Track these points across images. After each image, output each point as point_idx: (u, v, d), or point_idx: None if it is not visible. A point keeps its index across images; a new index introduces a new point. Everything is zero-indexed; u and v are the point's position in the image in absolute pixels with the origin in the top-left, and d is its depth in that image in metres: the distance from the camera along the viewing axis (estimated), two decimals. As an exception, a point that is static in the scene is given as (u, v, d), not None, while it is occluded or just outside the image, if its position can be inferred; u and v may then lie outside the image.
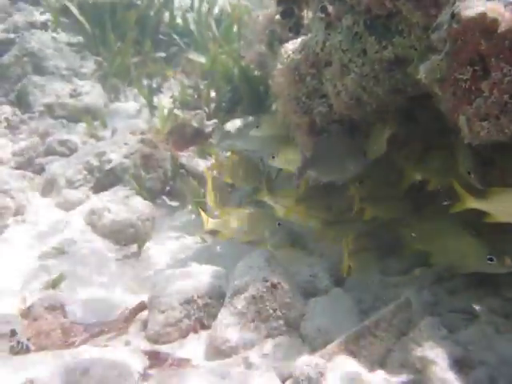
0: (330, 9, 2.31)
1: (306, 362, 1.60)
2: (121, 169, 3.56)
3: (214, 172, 3.26)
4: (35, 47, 4.83)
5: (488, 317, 1.94)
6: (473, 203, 1.93)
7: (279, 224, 2.52)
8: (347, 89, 2.32)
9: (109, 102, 4.76)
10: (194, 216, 3.39)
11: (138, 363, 1.96)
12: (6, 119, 4.24)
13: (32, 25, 5.17)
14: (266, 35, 2.99)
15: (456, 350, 1.67)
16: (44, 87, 4.49)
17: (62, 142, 3.95)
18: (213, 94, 4.50)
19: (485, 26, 1.55)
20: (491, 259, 1.95)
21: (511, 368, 1.65)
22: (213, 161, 3.57)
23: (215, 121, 4.29)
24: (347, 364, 1.70)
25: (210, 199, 2.94)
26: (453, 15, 1.62)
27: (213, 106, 4.42)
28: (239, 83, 4.15)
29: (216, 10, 5.71)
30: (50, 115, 4.35)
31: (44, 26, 5.23)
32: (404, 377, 1.64)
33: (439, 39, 1.71)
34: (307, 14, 2.62)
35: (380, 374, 1.68)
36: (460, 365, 1.64)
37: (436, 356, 1.62)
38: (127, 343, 2.29)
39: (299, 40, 2.61)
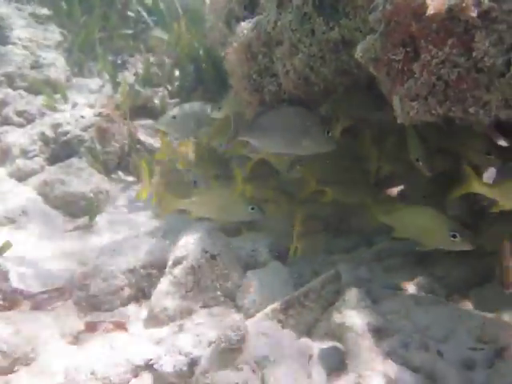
0: (282, -12, 2.34)
1: (227, 325, 1.65)
2: (77, 141, 3.55)
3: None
4: (-2, 16, 4.76)
5: (412, 291, 2.03)
6: (480, 187, 1.91)
7: (252, 208, 2.43)
8: (295, 68, 2.37)
9: (72, 76, 4.71)
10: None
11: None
12: (-37, 87, 4.18)
13: (-4, -6, 5.09)
14: (225, 14, 3.01)
15: (375, 319, 1.75)
16: (4, 57, 4.42)
17: (20, 113, 3.92)
18: (177, 73, 4.50)
19: (414, 8, 1.61)
20: (454, 236, 1.92)
21: (422, 335, 1.74)
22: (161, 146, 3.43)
23: (177, 100, 4.30)
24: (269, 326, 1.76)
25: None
26: (387, -4, 1.67)
27: (176, 84, 4.43)
28: (203, 62, 4.16)
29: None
30: (9, 85, 4.29)
31: (9, -4, 5.15)
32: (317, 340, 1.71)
33: (375, 20, 1.76)
34: (263, -7, 2.63)
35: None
36: (378, 332, 1.72)
37: (354, 323, 1.70)
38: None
39: (255, 19, 2.64)
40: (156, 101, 4.19)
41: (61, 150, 3.58)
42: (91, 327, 2.06)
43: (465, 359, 1.66)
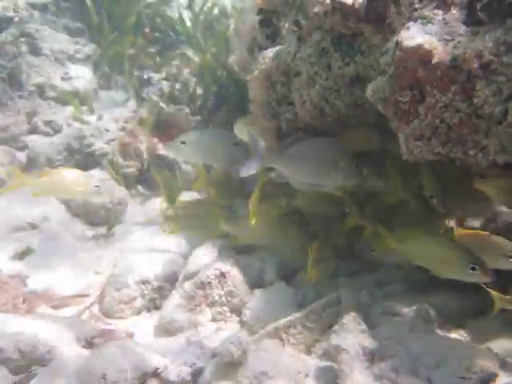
0: (303, 23, 2.48)
1: (230, 340, 1.76)
2: (100, 154, 3.72)
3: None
4: (33, 28, 4.97)
5: (408, 318, 2.12)
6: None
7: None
8: (312, 99, 2.49)
9: (99, 88, 4.90)
10: (164, 205, 3.54)
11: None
12: (-4, 95, 4.38)
13: (32, 6, 5.31)
14: (248, 41, 3.15)
15: (370, 343, 1.85)
16: (37, 68, 4.63)
17: (47, 123, 4.10)
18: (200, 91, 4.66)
19: (421, 55, 1.73)
20: (474, 268, 1.92)
21: (413, 361, 1.84)
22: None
23: (199, 117, 4.46)
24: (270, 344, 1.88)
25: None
26: (396, 43, 1.80)
27: (198, 103, 4.58)
28: (226, 84, 4.32)
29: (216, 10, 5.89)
30: (39, 95, 4.49)
31: (44, 8, 5.37)
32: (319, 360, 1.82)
33: (386, 63, 1.88)
34: (284, 25, 2.77)
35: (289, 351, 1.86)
36: (371, 355, 1.82)
37: (348, 345, 1.80)
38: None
39: (276, 48, 2.78)
40: (178, 117, 4.32)
41: (85, 160, 3.75)
42: (104, 334, 2.18)
43: (453, 387, 1.76)
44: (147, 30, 5.31)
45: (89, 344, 2.10)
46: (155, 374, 1.88)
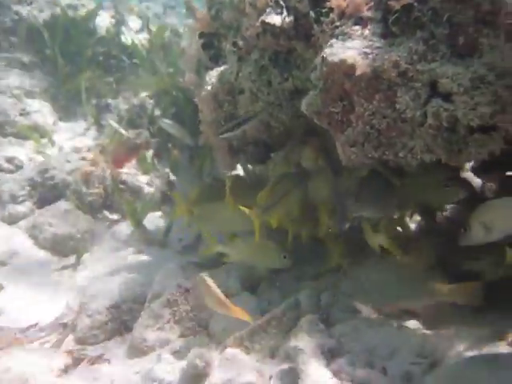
0: (241, 44, 2.60)
1: (195, 354, 1.86)
2: (63, 185, 3.79)
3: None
4: (-13, 66, 5.03)
5: (366, 315, 2.24)
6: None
7: (285, 257, 2.51)
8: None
9: (58, 120, 4.97)
10: (131, 229, 3.62)
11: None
12: (-44, 137, 4.42)
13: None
14: (194, 63, 3.27)
15: (327, 341, 1.97)
16: (-6, 106, 4.68)
17: (9, 159, 4.15)
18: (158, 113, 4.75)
19: (345, 69, 1.86)
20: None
21: (369, 353, 1.96)
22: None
23: (159, 139, 4.55)
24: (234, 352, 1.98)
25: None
26: (322, 59, 1.93)
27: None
28: (183, 104, 4.42)
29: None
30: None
31: (-4, 46, 5.43)
32: (277, 362, 1.93)
33: (316, 78, 2.01)
34: (226, 46, 2.89)
35: (254, 356, 1.97)
36: (330, 354, 1.93)
37: (305, 346, 1.91)
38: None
39: (220, 69, 2.90)
40: (138, 141, 4.40)
41: (48, 193, 3.81)
42: (77, 361, 2.26)
43: (405, 373, 1.87)
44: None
45: (63, 372, 2.17)
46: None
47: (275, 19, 2.26)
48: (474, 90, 1.67)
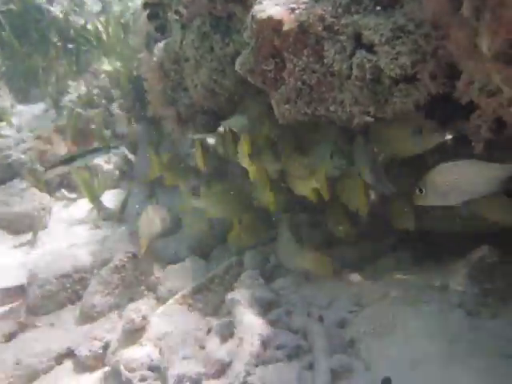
0: (182, 11, 2.61)
1: (131, 308, 1.89)
2: (18, 164, 3.77)
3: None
4: None
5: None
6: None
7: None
8: (202, 82, 2.63)
9: (16, 102, 4.92)
10: (89, 206, 3.62)
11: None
12: None
13: None
14: (143, 37, 3.27)
15: (266, 294, 2.01)
16: (-52, 89, 4.62)
17: (-35, 141, 4.11)
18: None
19: (273, 25, 1.88)
20: None
21: (307, 304, 2.01)
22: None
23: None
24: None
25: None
26: (252, 17, 1.95)
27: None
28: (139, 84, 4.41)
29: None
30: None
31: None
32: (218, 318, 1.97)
33: (248, 36, 2.04)
34: (171, 16, 2.90)
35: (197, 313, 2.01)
36: (269, 305, 1.98)
37: (242, 298, 1.95)
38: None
39: (167, 40, 2.90)
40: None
41: (4, 172, 3.79)
42: (23, 326, 2.27)
43: (341, 320, 1.92)
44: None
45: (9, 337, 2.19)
46: (69, 353, 1.99)
47: (210, -18, 2.28)
48: (395, 40, 1.71)
